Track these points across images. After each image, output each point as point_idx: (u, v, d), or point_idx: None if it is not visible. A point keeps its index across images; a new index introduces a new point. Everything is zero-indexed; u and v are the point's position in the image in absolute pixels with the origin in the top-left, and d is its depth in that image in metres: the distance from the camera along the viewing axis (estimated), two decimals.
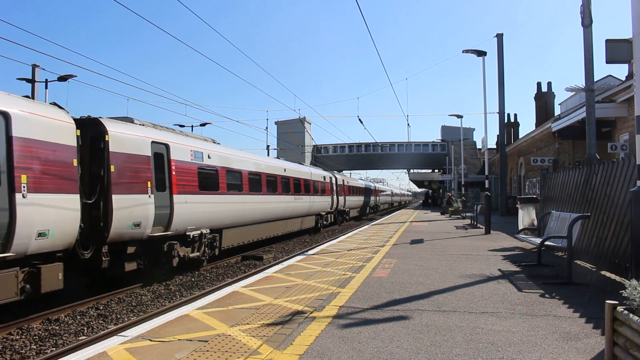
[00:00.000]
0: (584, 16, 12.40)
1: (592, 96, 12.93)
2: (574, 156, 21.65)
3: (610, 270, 8.12)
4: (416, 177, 79.82)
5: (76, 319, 8.65)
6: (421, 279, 8.03)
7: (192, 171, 12.89)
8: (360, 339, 4.73)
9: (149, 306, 9.74)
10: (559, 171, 12.23)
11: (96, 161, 9.96)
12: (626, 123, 16.52)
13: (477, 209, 21.52)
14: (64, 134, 8.81)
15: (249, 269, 14.22)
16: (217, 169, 14.45)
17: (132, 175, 10.52)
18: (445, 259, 10.49)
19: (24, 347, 7.19)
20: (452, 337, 4.76)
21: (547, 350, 4.33)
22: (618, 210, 7.54)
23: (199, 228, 13.12)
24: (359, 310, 5.91)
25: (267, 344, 4.60)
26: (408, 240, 14.69)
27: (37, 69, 21.69)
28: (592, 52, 12.58)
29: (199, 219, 13.04)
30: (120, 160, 10.23)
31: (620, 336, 3.60)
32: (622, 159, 7.84)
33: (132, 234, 10.46)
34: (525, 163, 30.01)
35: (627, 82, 16.53)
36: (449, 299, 6.47)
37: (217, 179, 14.40)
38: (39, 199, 8.00)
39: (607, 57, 9.91)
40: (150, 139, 11.35)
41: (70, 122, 9.08)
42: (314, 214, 26.29)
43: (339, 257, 10.93)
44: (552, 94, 32.96)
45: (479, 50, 19.37)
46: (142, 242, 10.96)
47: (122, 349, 4.56)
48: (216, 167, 14.43)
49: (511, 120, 41.42)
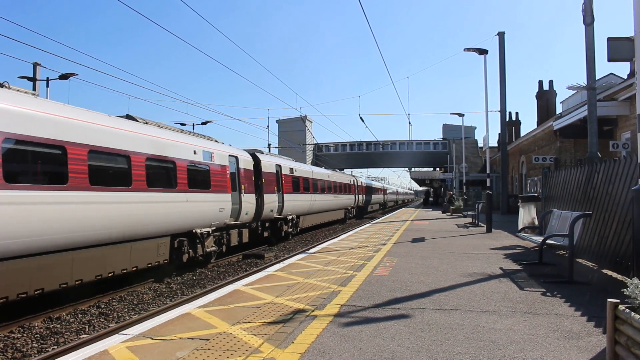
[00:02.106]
0: (586, 14, 12.37)
1: (594, 94, 12.90)
2: (576, 155, 21.62)
3: (611, 269, 8.12)
4: (417, 175, 79.72)
5: (77, 318, 8.67)
6: (422, 277, 8.03)
7: (289, 180, 21.81)
8: (361, 337, 4.73)
9: (150, 305, 9.75)
10: (561, 170, 12.22)
11: (257, 176, 18.01)
12: (628, 121, 16.48)
13: (478, 208, 21.49)
14: (249, 164, 17.31)
15: (250, 267, 14.23)
16: (299, 178, 23.39)
17: (269, 183, 19.06)
18: (447, 257, 10.48)
19: (25, 345, 7.20)
20: (454, 335, 4.76)
21: (549, 349, 4.33)
22: (620, 209, 7.53)
23: (292, 214, 21.94)
24: (360, 308, 5.91)
25: (268, 343, 4.60)
26: (409, 239, 14.68)
27: (39, 67, 21.71)
28: (594, 51, 12.55)
29: (291, 209, 21.76)
30: (265, 176, 18.73)
31: (621, 335, 3.60)
32: (624, 157, 7.82)
33: (269, 216, 19.16)
34: (527, 161, 29.98)
35: (629, 80, 16.49)
36: (450, 298, 6.47)
37: (298, 184, 23.23)
38: (247, 197, 16.28)
39: (608, 55, 9.90)
40: (275, 163, 20.31)
41: (250, 158, 17.61)
42: (343, 209, 34.49)
43: (340, 256, 10.93)
44: (553, 93, 32.93)
45: (481, 49, 19.34)
46: (271, 221, 19.72)
47: (124, 348, 4.57)
48: (299, 177, 23.38)
49: (512, 118, 41.41)
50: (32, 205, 7.92)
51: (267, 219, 19.04)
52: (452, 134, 57.77)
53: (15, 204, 7.61)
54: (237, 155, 16.17)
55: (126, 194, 10.17)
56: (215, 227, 14.06)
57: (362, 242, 14.18)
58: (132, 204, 10.33)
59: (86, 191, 9.03)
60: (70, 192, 8.68)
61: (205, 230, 13.40)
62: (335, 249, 12.53)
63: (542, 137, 26.52)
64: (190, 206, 12.57)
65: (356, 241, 14.47)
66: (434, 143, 66.05)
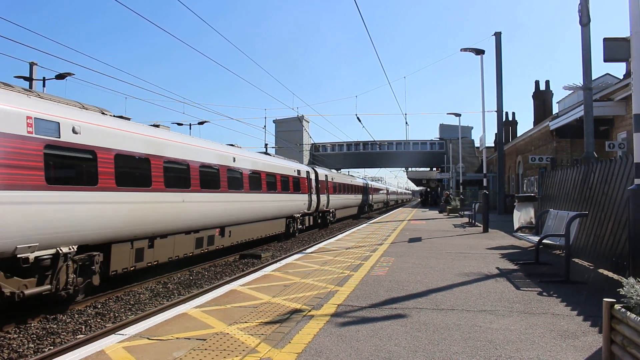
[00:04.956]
0: (582, 15, 12.41)
1: (590, 95, 12.94)
2: (572, 154, 21.68)
3: (608, 269, 8.14)
4: (414, 175, 79.86)
5: (74, 318, 8.64)
6: (419, 277, 8.04)
7: (330, 185, 30.24)
8: (358, 337, 4.74)
9: (147, 305, 9.73)
10: (557, 169, 12.25)
11: (316, 183, 26.73)
12: (624, 121, 16.54)
13: (475, 208, 21.53)
14: (313, 175, 26.35)
15: (247, 267, 14.22)
16: (336, 183, 32.08)
17: (322, 187, 27.84)
18: (443, 257, 10.50)
19: (22, 345, 7.17)
20: (450, 335, 4.77)
21: (545, 348, 4.34)
22: (616, 209, 7.55)
23: (332, 208, 30.62)
24: (357, 308, 5.91)
25: (265, 343, 4.60)
26: (406, 239, 14.70)
27: (35, 66, 21.63)
28: (590, 51, 12.60)
29: (332, 205, 30.48)
30: (320, 183, 27.46)
31: (617, 334, 3.61)
32: (620, 157, 7.85)
33: (321, 209, 27.74)
34: (523, 161, 30.04)
35: (625, 80, 16.54)
36: (447, 297, 6.48)
37: (335, 187, 31.54)
38: (313, 196, 25.63)
39: (605, 55, 9.93)
40: (324, 174, 29.07)
41: (311, 170, 26.45)
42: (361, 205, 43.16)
43: (337, 256, 10.93)
44: (550, 93, 32.96)
45: (477, 49, 19.37)
46: (322, 212, 28.27)
47: (120, 348, 4.56)
48: (336, 182, 31.94)
49: (509, 118, 41.43)
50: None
51: (320, 211, 28.06)
52: (449, 134, 57.93)
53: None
54: (308, 170, 25.91)
55: (273, 195, 19.51)
56: (300, 214, 23.67)
57: (359, 241, 14.18)
58: (275, 202, 19.64)
59: (257, 194, 17.74)
60: (244, 193, 16.55)
61: (298, 215, 23.30)
62: (332, 248, 12.53)
63: (538, 137, 26.59)
64: (294, 201, 22.41)
65: (353, 241, 14.47)
66: (431, 143, 66.20)
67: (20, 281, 7.82)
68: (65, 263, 8.64)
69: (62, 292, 8.68)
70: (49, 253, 8.22)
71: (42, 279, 8.25)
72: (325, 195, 28.40)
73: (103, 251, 9.78)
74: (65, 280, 8.69)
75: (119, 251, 10.19)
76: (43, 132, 8.16)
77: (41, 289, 8.13)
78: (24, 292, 7.79)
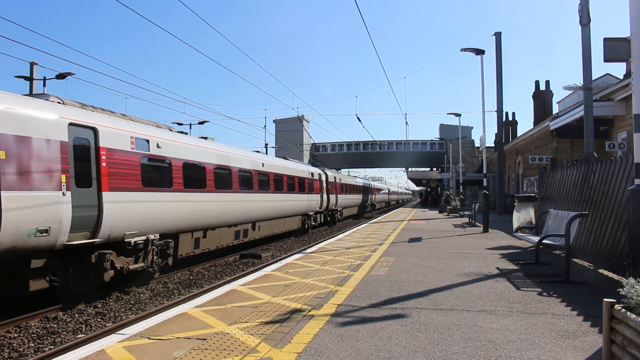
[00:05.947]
0: (582, 15, 12.40)
1: (590, 95, 12.93)
2: (572, 155, 21.66)
3: (608, 269, 8.15)
4: (414, 175, 79.83)
5: (74, 317, 8.64)
6: (419, 277, 8.04)
7: (339, 186, 32.30)
8: (358, 337, 4.74)
9: (147, 304, 9.73)
10: (557, 170, 12.25)
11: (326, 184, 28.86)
12: (624, 122, 16.54)
13: (475, 208, 21.53)
14: (323, 176, 28.48)
15: (247, 267, 14.22)
16: (343, 184, 34.39)
17: (332, 188, 30.36)
18: (443, 257, 10.50)
19: (22, 345, 7.18)
20: (451, 335, 4.77)
21: (545, 348, 4.34)
22: (616, 209, 7.56)
23: (340, 207, 32.80)
24: (357, 308, 5.91)
25: (265, 342, 4.60)
26: (406, 239, 14.70)
27: (36, 66, 21.62)
28: (590, 51, 12.58)
29: (340, 204, 32.60)
30: (330, 184, 29.65)
31: (617, 334, 3.61)
32: (620, 157, 7.86)
33: (331, 208, 30.10)
34: (523, 161, 30.04)
35: (625, 80, 16.54)
36: (447, 297, 6.48)
37: (342, 188, 33.69)
38: (324, 196, 28.22)
39: (605, 55, 9.91)
40: (334, 176, 31.44)
41: (322, 172, 28.59)
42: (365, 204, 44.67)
43: (337, 256, 10.93)
44: (550, 93, 32.93)
45: (477, 49, 19.36)
46: (331, 210, 30.30)
47: (121, 347, 4.56)
48: (343, 184, 34.26)
49: (509, 118, 41.39)
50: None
51: (330, 209, 30.17)
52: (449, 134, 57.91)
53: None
54: (320, 172, 28.05)
55: (293, 195, 22.08)
56: (314, 212, 26.06)
57: (359, 241, 14.18)
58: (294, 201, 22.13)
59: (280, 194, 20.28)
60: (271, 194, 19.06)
61: (312, 213, 25.78)
62: (332, 248, 12.53)
63: (538, 137, 26.58)
64: (309, 201, 24.89)
65: (353, 241, 14.47)
66: (431, 143, 66.15)
67: (125, 259, 10.17)
68: (152, 247, 10.94)
69: (150, 269, 11.01)
70: (142, 239, 10.57)
71: (137, 259, 10.57)
72: (334, 195, 30.95)
73: (173, 239, 12.03)
74: (152, 260, 10.98)
75: (184, 239, 12.65)
76: (139, 147, 10.68)
77: (138, 266, 10.49)
78: (129, 267, 10.17)
